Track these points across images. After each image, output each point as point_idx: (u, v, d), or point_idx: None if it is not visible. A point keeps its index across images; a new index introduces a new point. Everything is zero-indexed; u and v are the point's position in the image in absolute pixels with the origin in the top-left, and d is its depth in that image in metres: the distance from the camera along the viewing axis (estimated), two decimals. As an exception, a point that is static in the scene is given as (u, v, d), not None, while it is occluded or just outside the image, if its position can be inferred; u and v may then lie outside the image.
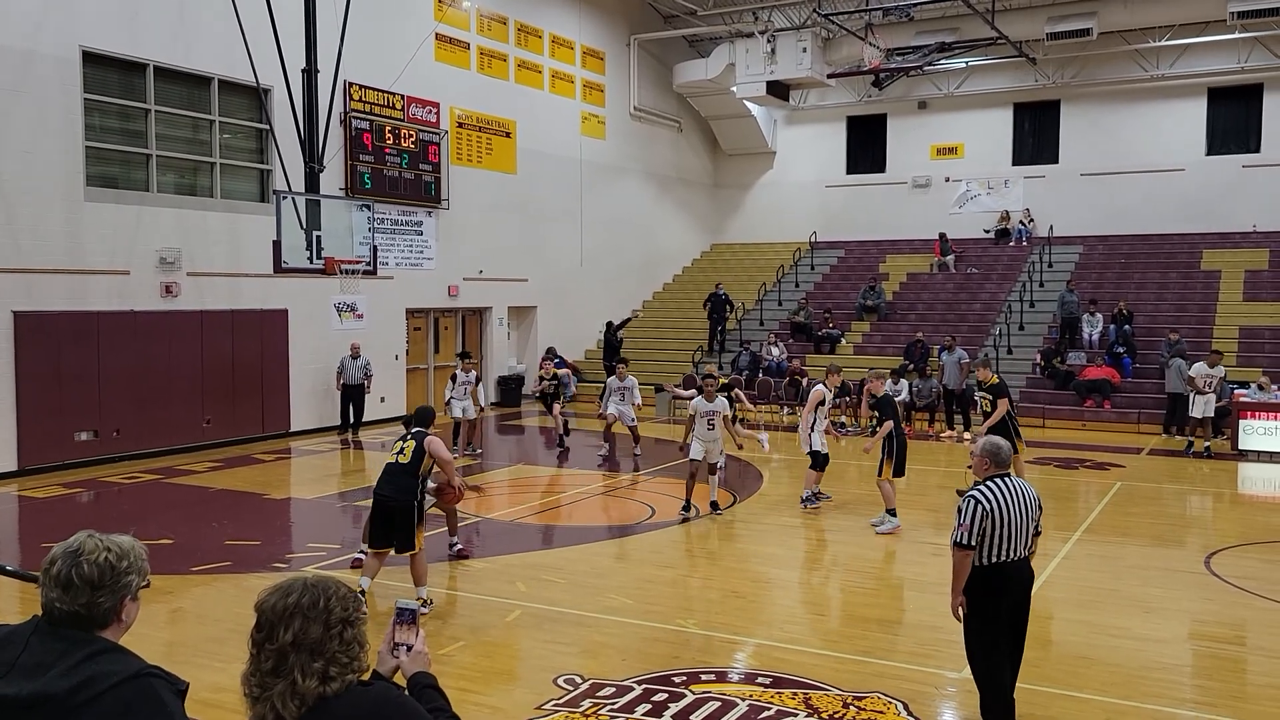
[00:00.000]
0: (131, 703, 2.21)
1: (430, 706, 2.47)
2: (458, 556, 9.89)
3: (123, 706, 2.20)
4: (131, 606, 2.40)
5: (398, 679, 2.57)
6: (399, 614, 2.63)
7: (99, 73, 15.37)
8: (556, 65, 24.82)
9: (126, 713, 2.19)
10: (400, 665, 2.60)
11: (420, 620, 2.84)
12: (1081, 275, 24.82)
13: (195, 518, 11.86)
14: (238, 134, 17.65)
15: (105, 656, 2.27)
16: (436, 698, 2.56)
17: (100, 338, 15.18)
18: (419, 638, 2.60)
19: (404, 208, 20.50)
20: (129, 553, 2.38)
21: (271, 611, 2.27)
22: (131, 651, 2.35)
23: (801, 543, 11.07)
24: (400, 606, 2.65)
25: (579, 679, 6.72)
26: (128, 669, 2.25)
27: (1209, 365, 17.01)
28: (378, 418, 19.68)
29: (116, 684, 2.21)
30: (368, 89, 19.43)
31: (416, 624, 2.62)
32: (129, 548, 2.39)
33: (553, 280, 24.66)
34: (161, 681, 2.28)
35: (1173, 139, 26.22)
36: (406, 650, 2.60)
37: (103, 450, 15.24)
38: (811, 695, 6.43)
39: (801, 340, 24.47)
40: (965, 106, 28.54)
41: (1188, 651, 7.58)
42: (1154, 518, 12.31)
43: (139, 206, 15.80)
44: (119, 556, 2.35)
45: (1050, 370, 21.09)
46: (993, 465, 5.77)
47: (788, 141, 31.18)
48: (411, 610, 2.63)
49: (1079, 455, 16.61)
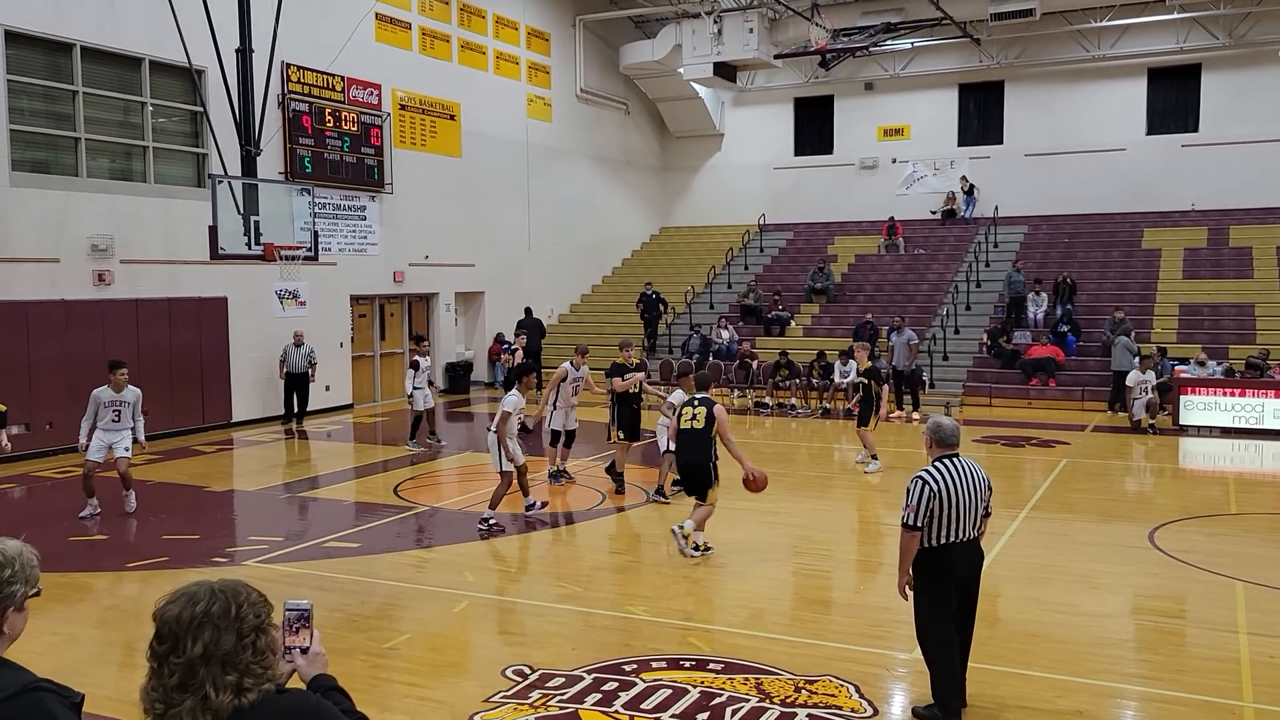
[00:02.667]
0: (20, 719, 2.03)
1: (340, 709, 2.31)
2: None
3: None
4: (15, 618, 2.21)
5: (294, 684, 2.38)
6: (290, 616, 2.42)
7: (23, 53, 14.78)
8: (501, 46, 24.46)
9: None
10: (297, 669, 2.42)
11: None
12: (1026, 255, 25.11)
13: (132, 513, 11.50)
14: (171, 117, 17.12)
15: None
16: (343, 700, 2.40)
17: (30, 328, 14.67)
18: (314, 639, 2.42)
19: (346, 192, 20.08)
20: (13, 561, 2.19)
21: (176, 622, 2.08)
22: (17, 665, 2.17)
23: (752, 526, 11.02)
24: (290, 607, 2.44)
25: (528, 669, 6.59)
26: (11, 684, 2.07)
27: (1142, 372, 17.30)
28: (323, 407, 19.31)
29: (2, 700, 2.03)
30: (306, 70, 18.96)
31: (310, 625, 2.42)
32: (12, 555, 2.20)
33: (500, 265, 24.36)
34: (52, 695, 2.10)
35: (1114, 119, 26.58)
36: (301, 653, 2.41)
37: (35, 444, 14.74)
38: (764, 680, 6.37)
39: (751, 323, 24.47)
40: (911, 88, 28.67)
41: (1133, 626, 7.66)
42: (1099, 494, 12.47)
43: (67, 192, 15.26)
44: (0, 565, 2.16)
45: (996, 349, 21.33)
46: (937, 445, 5.73)
47: (735, 123, 31.11)
48: (303, 610, 2.42)
49: (1025, 433, 16.81)
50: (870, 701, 6.06)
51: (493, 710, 6.00)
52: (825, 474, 14.44)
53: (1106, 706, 6.13)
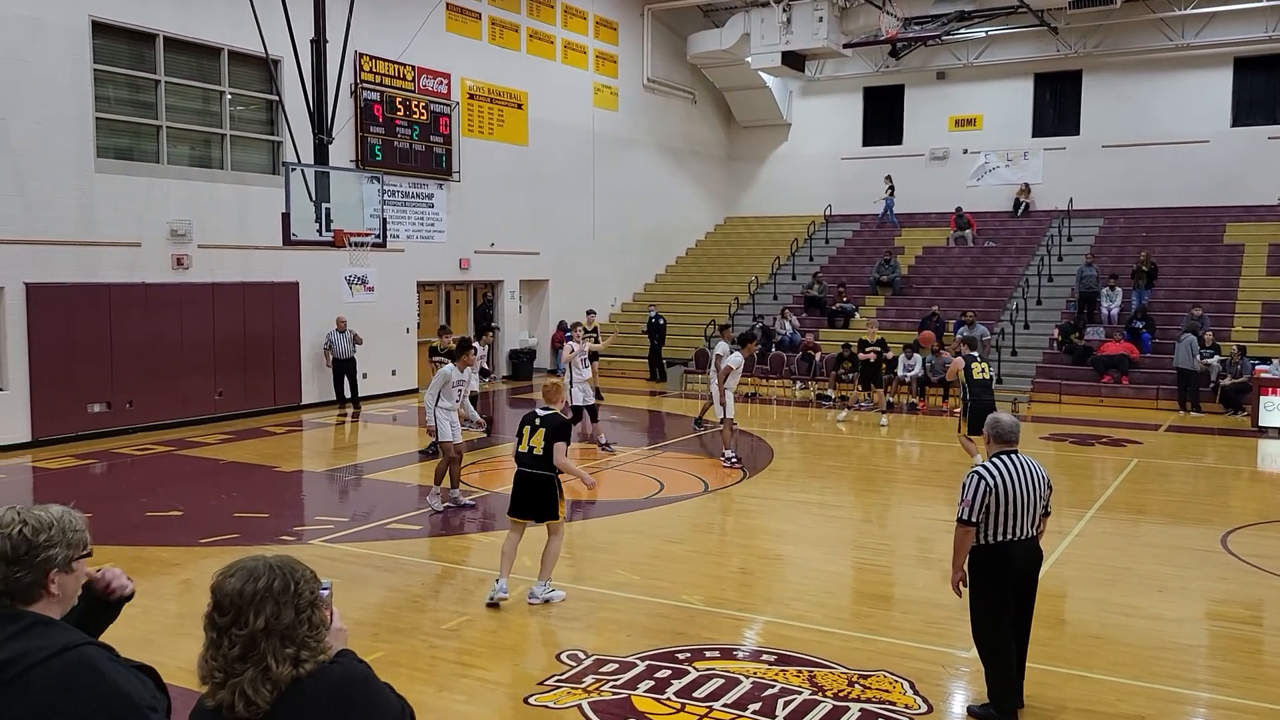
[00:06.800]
0: (66, 677, 2.12)
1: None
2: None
3: (59, 684, 2.11)
4: (65, 579, 2.29)
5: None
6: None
7: (109, 43, 15.28)
8: (569, 36, 24.56)
9: (64, 689, 2.11)
10: None
11: None
12: (1101, 249, 24.47)
13: (205, 490, 11.87)
14: (248, 106, 17.55)
15: (33, 631, 2.19)
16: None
17: (112, 309, 15.19)
18: (334, 616, 2.47)
19: (415, 180, 20.38)
20: (50, 525, 2.27)
21: (239, 595, 2.17)
22: (65, 624, 2.26)
23: (811, 519, 10.98)
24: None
25: (582, 654, 6.67)
26: (55, 643, 2.17)
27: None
28: (388, 391, 19.68)
29: (45, 659, 2.13)
30: (378, 60, 19.26)
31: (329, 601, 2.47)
32: (51, 520, 2.28)
33: (564, 253, 24.52)
34: (98, 650, 2.20)
35: (1197, 110, 25.74)
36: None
37: (115, 422, 15.29)
38: (816, 673, 6.36)
39: (815, 314, 24.28)
40: (985, 77, 28.10)
41: (1202, 631, 7.45)
42: (1170, 495, 12.15)
43: (149, 178, 15.75)
44: (35, 530, 2.25)
45: (1068, 345, 20.85)
46: (996, 441, 5.65)
47: (803, 113, 30.82)
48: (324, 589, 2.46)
49: (1095, 432, 16.42)
50: (925, 698, 6.01)
51: (547, 693, 6.09)
52: (887, 468, 14.30)
53: (1170, 712, 5.99)
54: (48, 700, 2.10)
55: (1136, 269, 22.08)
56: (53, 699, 2.10)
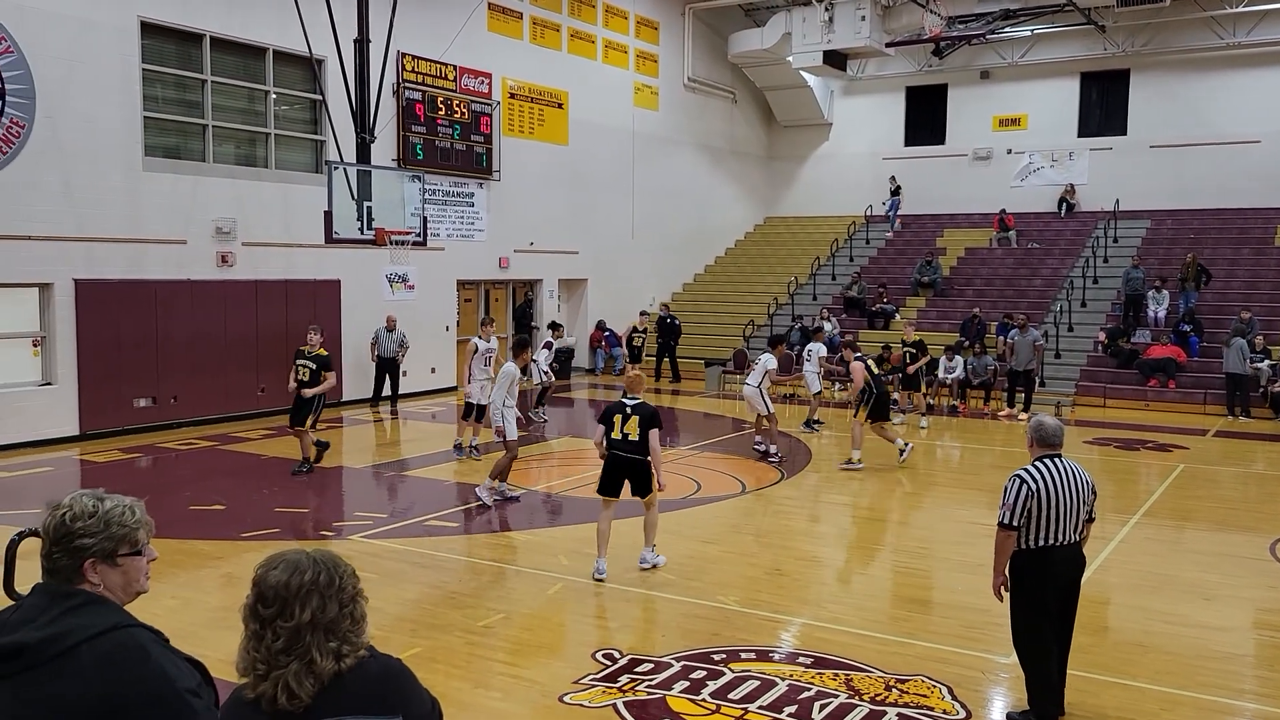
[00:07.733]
0: (113, 655, 2.16)
1: None
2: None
3: (106, 661, 2.15)
4: (107, 571, 2.29)
5: None
6: None
7: (157, 43, 15.54)
8: (610, 35, 24.59)
9: (110, 666, 2.14)
10: None
11: None
12: (1149, 250, 24.05)
13: (247, 485, 12.04)
14: (292, 105, 17.76)
15: (85, 609, 2.23)
16: None
17: (158, 306, 15.45)
18: None
19: (455, 179, 20.51)
20: (90, 514, 2.28)
21: (286, 588, 2.18)
22: (114, 604, 2.29)
23: (849, 521, 10.90)
24: None
25: (618, 654, 6.67)
26: (104, 622, 2.20)
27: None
28: (427, 388, 19.82)
29: (92, 637, 2.17)
30: (420, 59, 19.41)
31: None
32: (97, 511, 2.29)
33: (603, 253, 24.55)
34: (144, 631, 2.23)
35: (1249, 109, 25.20)
36: None
37: (161, 417, 15.55)
38: (853, 677, 6.31)
39: (855, 315, 24.11)
40: (1030, 76, 27.72)
41: (1249, 640, 7.30)
42: (1217, 501, 11.91)
43: (196, 177, 16.00)
44: (74, 517, 2.28)
45: (1114, 349, 20.52)
46: (1039, 445, 5.57)
47: (844, 112, 30.61)
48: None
49: (1141, 436, 16.15)
50: (963, 704, 5.94)
51: (582, 692, 6.10)
52: (927, 470, 14.16)
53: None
54: (93, 675, 2.14)
55: (1185, 267, 21.66)
56: (98, 675, 2.14)
